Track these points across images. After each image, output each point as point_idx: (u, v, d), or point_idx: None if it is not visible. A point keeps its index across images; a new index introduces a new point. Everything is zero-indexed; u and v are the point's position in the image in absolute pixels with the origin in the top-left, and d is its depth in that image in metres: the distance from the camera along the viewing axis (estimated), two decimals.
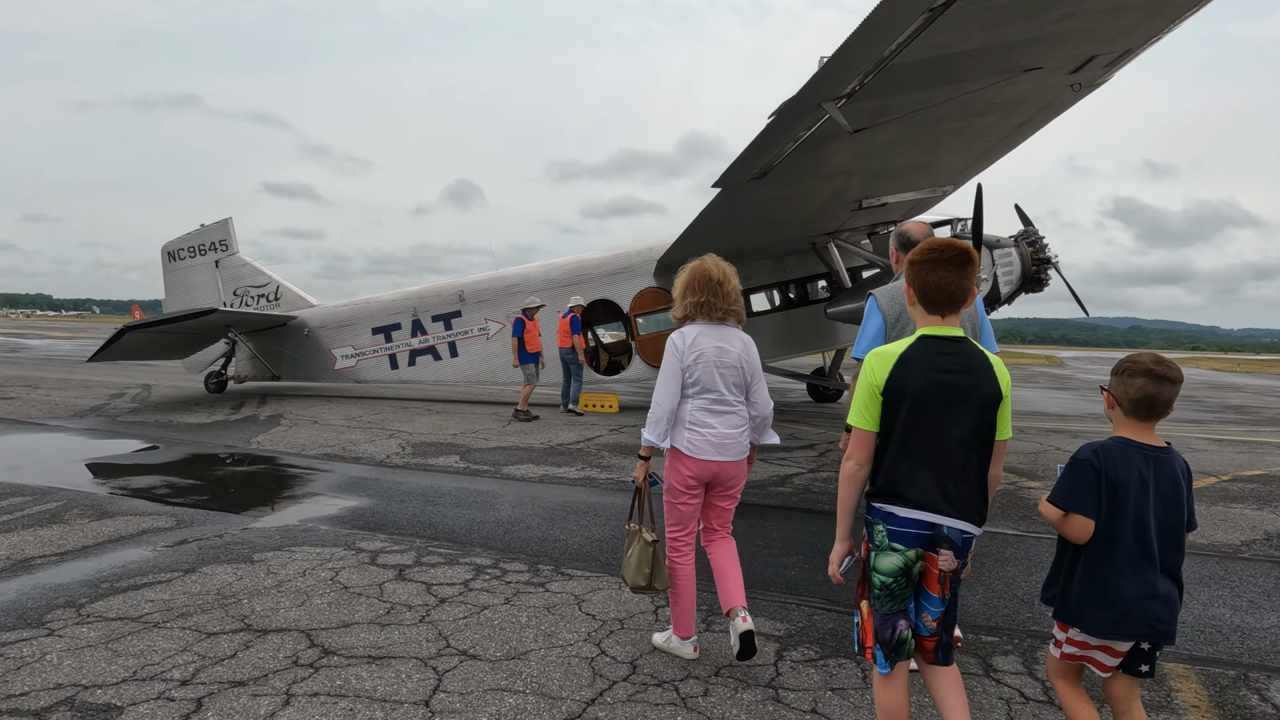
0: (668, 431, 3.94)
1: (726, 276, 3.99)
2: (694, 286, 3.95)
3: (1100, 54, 7.21)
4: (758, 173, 9.15)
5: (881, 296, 4.14)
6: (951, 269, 2.76)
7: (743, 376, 3.96)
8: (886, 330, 4.04)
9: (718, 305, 3.92)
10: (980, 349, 2.84)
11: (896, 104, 7.42)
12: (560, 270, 16.79)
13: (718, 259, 4.07)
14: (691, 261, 4.07)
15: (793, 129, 7.76)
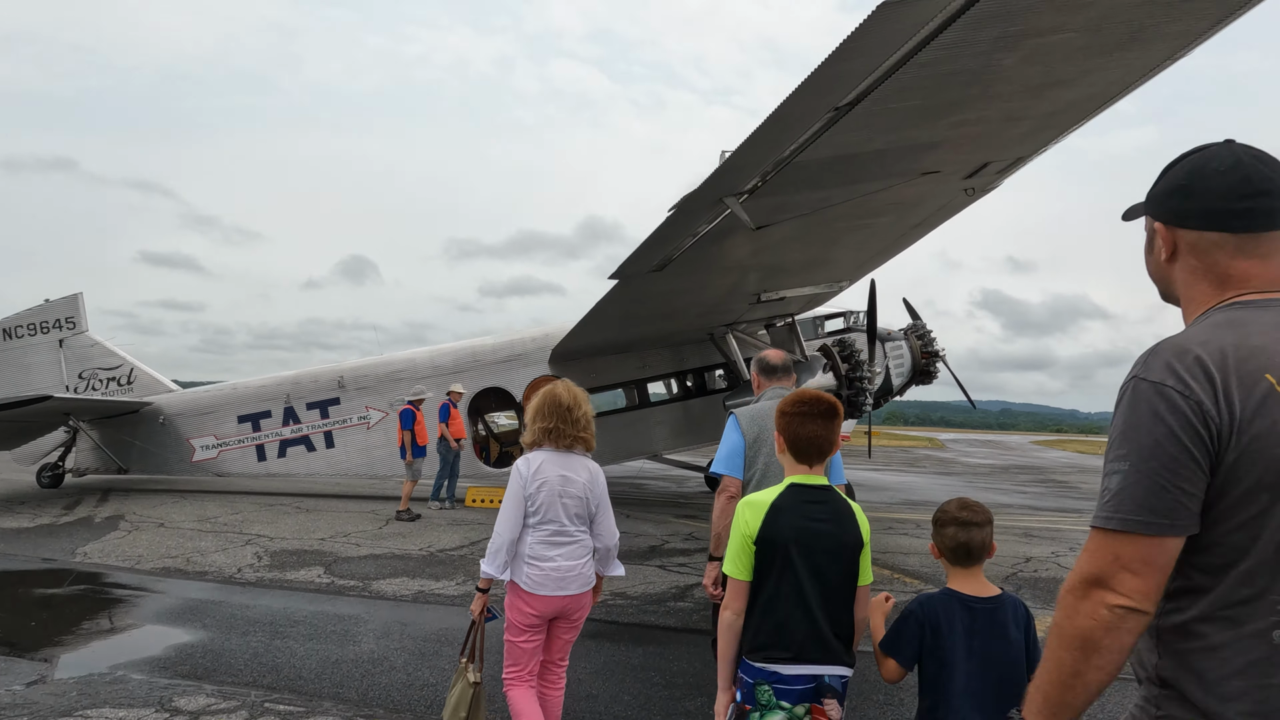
0: (508, 563, 3.84)
1: (577, 402, 3.97)
2: (543, 412, 3.92)
3: (994, 161, 7.25)
4: (656, 265, 8.78)
5: (742, 416, 4.18)
6: (820, 422, 2.96)
7: (587, 507, 3.91)
8: (745, 449, 4.09)
9: (565, 432, 3.88)
10: (844, 497, 2.98)
11: (797, 201, 7.21)
12: (449, 356, 15.95)
13: (570, 385, 4.08)
14: (545, 385, 4.08)
15: (693, 223, 7.44)
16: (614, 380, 16.10)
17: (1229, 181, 1.57)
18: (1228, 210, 1.57)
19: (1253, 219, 1.56)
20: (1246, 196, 1.55)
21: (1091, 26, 4.92)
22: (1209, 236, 1.59)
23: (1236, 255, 1.58)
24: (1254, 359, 1.45)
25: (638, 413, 16.05)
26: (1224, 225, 1.57)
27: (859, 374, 13.47)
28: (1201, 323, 1.57)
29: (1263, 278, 1.56)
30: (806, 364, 13.59)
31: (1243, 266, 1.57)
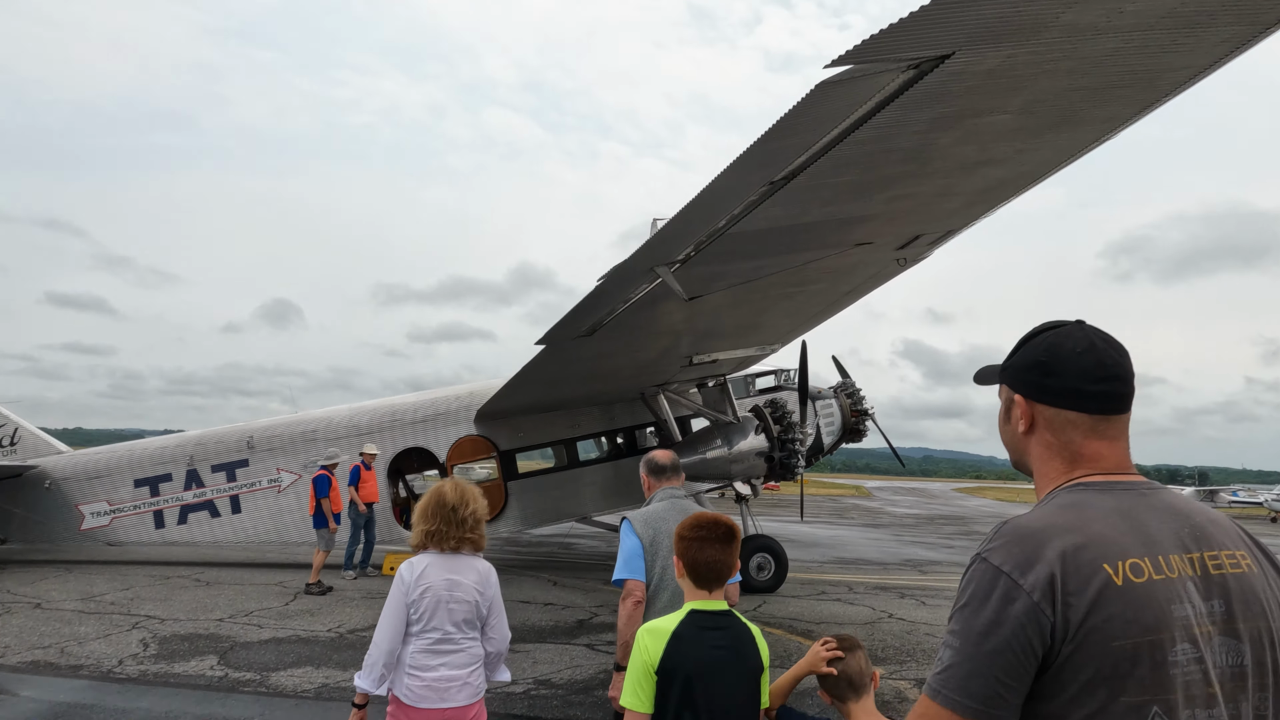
0: (386, 676, 3.62)
1: (465, 501, 3.80)
2: (427, 513, 3.77)
3: (926, 233, 7.22)
4: (586, 330, 8.46)
5: (636, 520, 4.09)
6: (718, 546, 2.96)
7: (476, 611, 3.75)
8: (644, 553, 4.00)
9: (450, 535, 3.73)
10: (744, 622, 2.97)
11: (730, 271, 7.02)
12: (368, 415, 15.22)
13: (460, 482, 3.91)
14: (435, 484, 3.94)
15: (623, 291, 7.16)
16: (543, 439, 15.61)
17: (1084, 364, 1.63)
18: (1084, 391, 1.62)
19: (1107, 401, 1.62)
20: (1101, 380, 1.62)
21: (1025, 109, 4.88)
22: (1066, 414, 1.64)
23: (1090, 435, 1.63)
24: (1092, 548, 1.48)
25: (568, 473, 15.56)
26: (1081, 405, 1.63)
27: (791, 435, 13.33)
28: (1049, 503, 1.60)
29: (1111, 459, 1.63)
30: (739, 425, 13.39)
31: (1094, 447, 1.63)
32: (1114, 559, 1.47)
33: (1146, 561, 1.48)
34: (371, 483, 14.06)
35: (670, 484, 4.41)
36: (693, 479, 13.75)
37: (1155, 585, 1.46)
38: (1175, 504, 1.60)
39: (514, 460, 15.33)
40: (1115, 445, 1.65)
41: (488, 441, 15.18)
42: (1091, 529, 1.51)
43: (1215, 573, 1.51)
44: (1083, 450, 1.64)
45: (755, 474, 13.52)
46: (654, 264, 6.53)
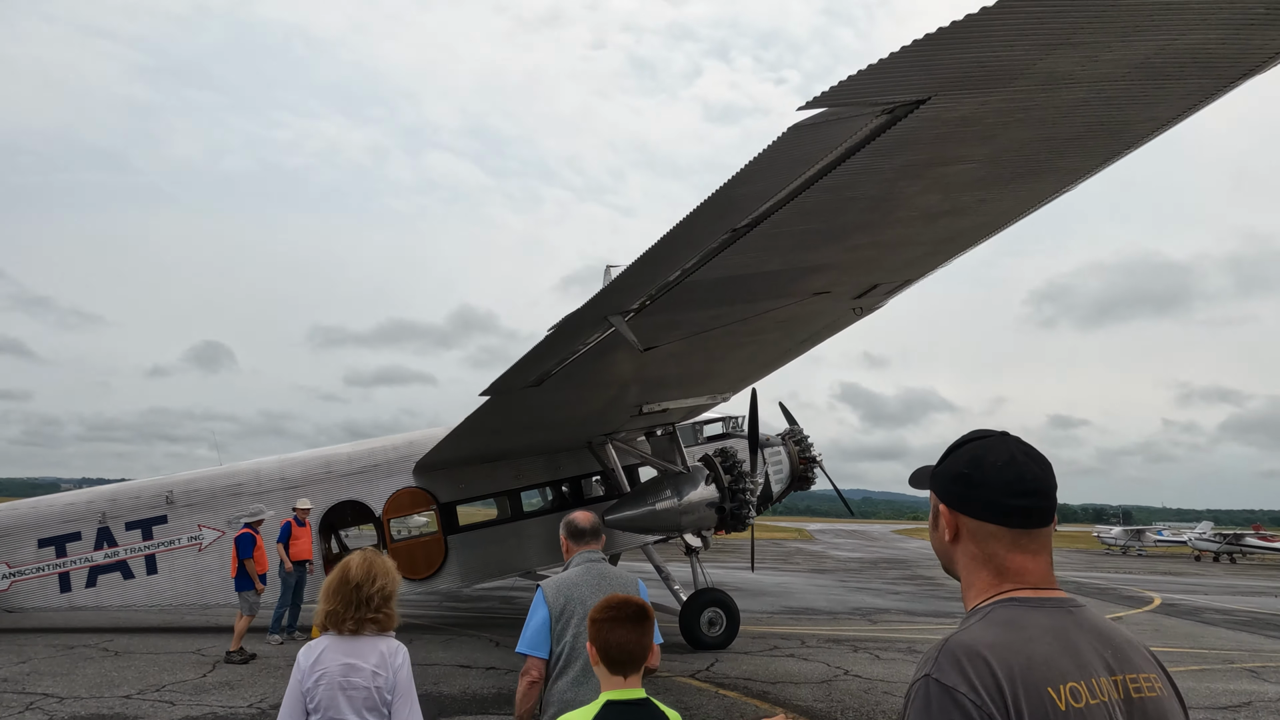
0: None
1: (372, 577, 3.52)
2: (329, 591, 3.53)
3: (883, 283, 7.09)
4: (533, 380, 8.08)
5: (548, 588, 3.97)
6: (629, 626, 2.86)
7: (378, 698, 3.46)
8: (552, 624, 3.86)
9: (349, 616, 3.47)
10: (663, 710, 2.86)
11: (686, 320, 6.76)
12: (299, 467, 14.43)
13: (370, 555, 3.60)
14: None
15: (574, 341, 6.83)
16: (485, 491, 15.02)
17: (1006, 477, 1.64)
18: (1005, 505, 1.63)
19: (1027, 516, 1.63)
20: (1021, 494, 1.63)
21: (992, 158, 4.77)
22: (988, 527, 1.65)
23: (1013, 549, 1.64)
24: (1037, 670, 1.49)
25: (511, 525, 14.97)
26: (1002, 519, 1.64)
27: (741, 485, 13.05)
28: (985, 618, 1.60)
29: (1035, 573, 1.64)
30: (689, 475, 13.06)
31: (1018, 561, 1.64)
32: (1056, 682, 1.49)
33: (1083, 685, 1.50)
34: (305, 539, 13.27)
35: (589, 548, 4.28)
36: (641, 531, 13.33)
37: (1092, 710, 1.48)
38: (1098, 624, 1.63)
39: (454, 513, 14.69)
40: (1038, 559, 1.66)
41: (427, 494, 14.53)
42: (1034, 650, 1.52)
43: (1136, 696, 1.54)
44: (1007, 564, 1.65)
45: (706, 525, 13.17)
46: (607, 313, 6.22)
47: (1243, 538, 57.32)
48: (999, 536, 1.65)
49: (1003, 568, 1.65)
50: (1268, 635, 16.79)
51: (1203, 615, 20.20)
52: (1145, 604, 22.90)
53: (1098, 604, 22.62)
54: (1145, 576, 36.61)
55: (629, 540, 14.74)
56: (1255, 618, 20.06)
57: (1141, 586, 30.31)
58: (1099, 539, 72.37)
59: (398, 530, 14.78)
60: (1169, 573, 40.43)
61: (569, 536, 4.32)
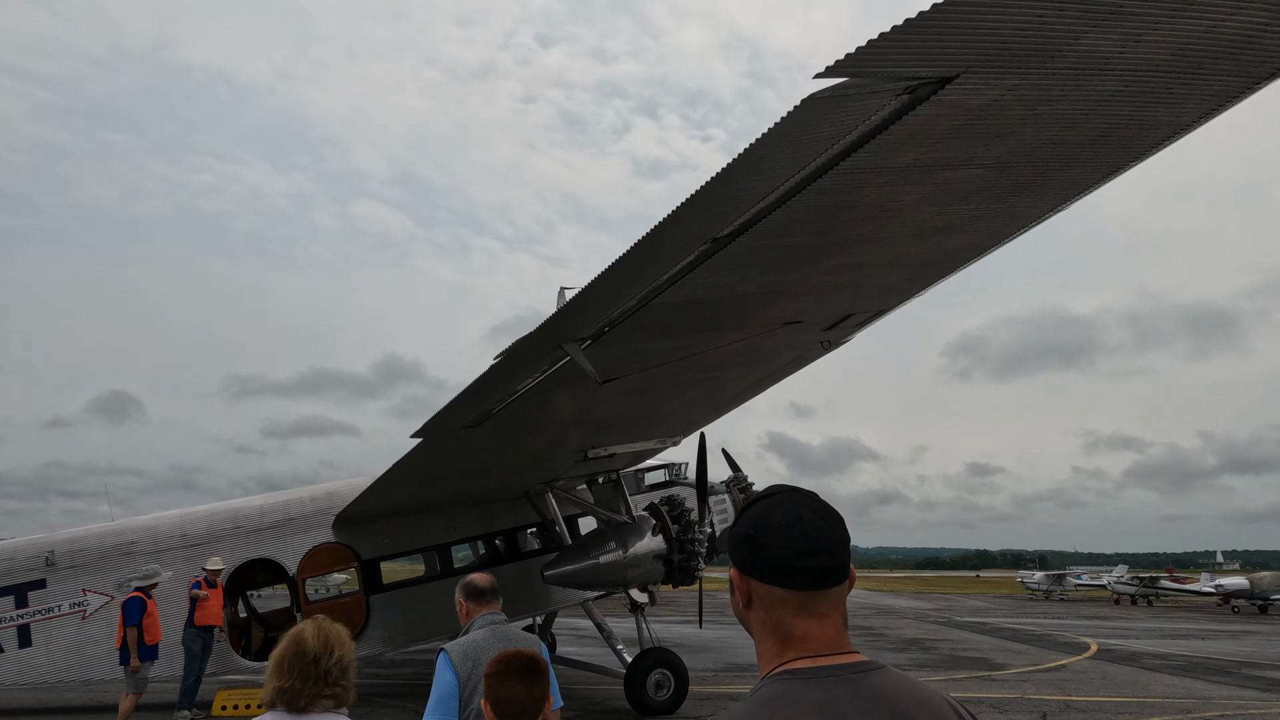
0: None
1: (329, 649, 3.18)
2: (281, 665, 3.14)
3: (857, 313, 6.59)
4: (471, 420, 7.26)
5: (453, 652, 3.84)
6: (518, 679, 2.89)
7: None
8: (460, 689, 3.75)
9: (305, 692, 3.11)
10: None
11: (649, 350, 6.10)
12: (203, 522, 13.06)
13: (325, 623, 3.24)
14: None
15: (523, 372, 6.07)
16: (412, 545, 13.87)
17: (790, 537, 1.56)
18: (791, 567, 1.55)
19: (812, 577, 1.56)
20: (806, 554, 1.56)
21: (1000, 162, 4.30)
22: (775, 591, 1.57)
23: (798, 613, 1.57)
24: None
25: (440, 583, 13.80)
26: (788, 582, 1.56)
27: (690, 535, 12.32)
28: (751, 698, 1.54)
29: (820, 639, 1.56)
30: (635, 525, 12.26)
31: (803, 626, 1.57)
32: None
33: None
34: (214, 602, 11.88)
35: (490, 609, 4.23)
36: (583, 587, 12.41)
37: None
38: (884, 690, 1.52)
39: (378, 570, 13.49)
40: (825, 622, 1.58)
41: (347, 550, 13.31)
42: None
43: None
44: (792, 630, 1.57)
45: (653, 579, 12.35)
46: (562, 340, 5.51)
47: (1158, 580, 59.16)
48: (785, 601, 1.57)
49: (787, 635, 1.57)
50: (1210, 680, 16.75)
51: (1141, 660, 20.19)
52: (1083, 650, 22.86)
53: (1036, 651, 22.48)
54: (1074, 621, 37.02)
55: (567, 596, 13.79)
56: (1191, 661, 20.14)
57: (1074, 632, 30.51)
58: (1022, 584, 73.91)
59: (314, 590, 13.52)
60: (1094, 617, 41.05)
61: (468, 598, 4.24)
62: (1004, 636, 28.09)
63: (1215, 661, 20.19)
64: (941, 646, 23.93)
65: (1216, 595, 48.53)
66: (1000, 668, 18.32)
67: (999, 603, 59.80)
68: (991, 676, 16.93)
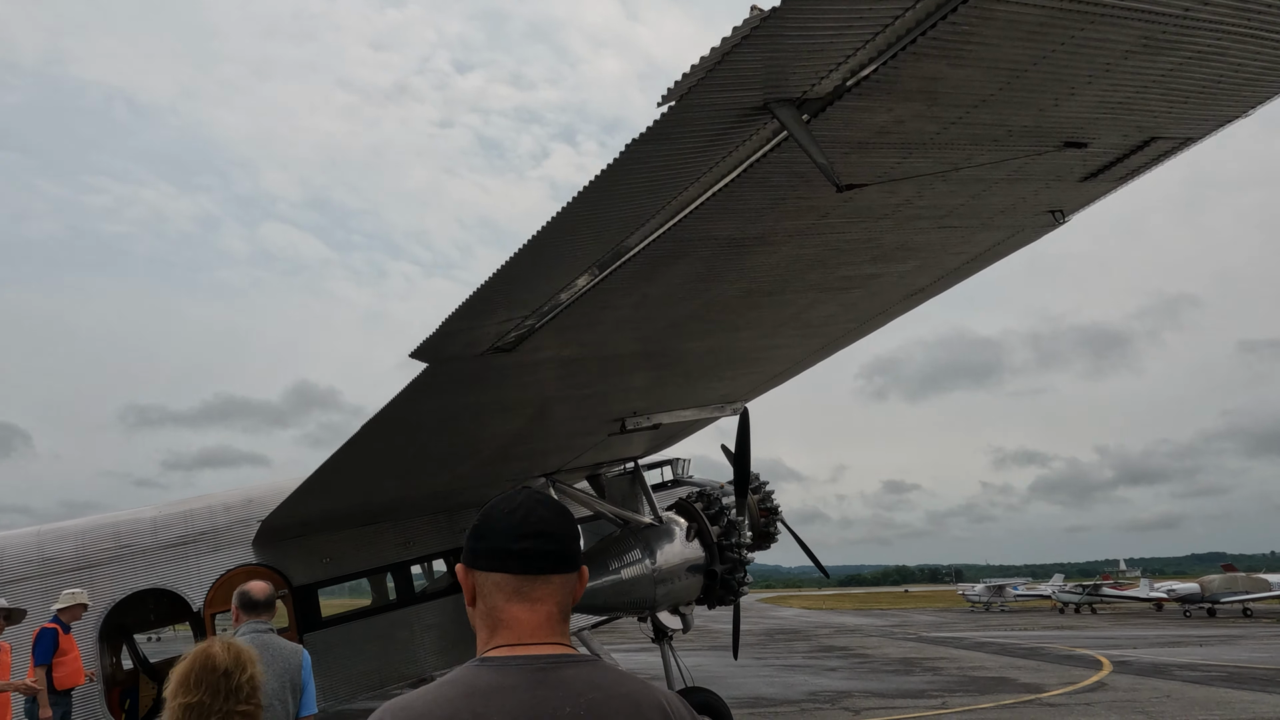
0: None
1: (241, 665, 3.09)
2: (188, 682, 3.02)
3: (1162, 135, 4.02)
4: (513, 329, 4.37)
5: None
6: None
7: None
8: None
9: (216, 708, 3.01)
10: None
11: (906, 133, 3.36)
12: (71, 540, 9.60)
13: (235, 643, 3.15)
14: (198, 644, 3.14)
15: (655, 195, 3.25)
16: (361, 566, 10.68)
17: (512, 521, 1.58)
18: (508, 550, 1.56)
19: (529, 560, 1.56)
20: (524, 536, 1.57)
21: None
22: (493, 578, 1.57)
23: (513, 598, 1.56)
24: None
25: (395, 615, 10.65)
26: (504, 565, 1.57)
27: (735, 539, 9.57)
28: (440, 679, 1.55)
29: (528, 624, 1.55)
30: (664, 529, 9.42)
31: (514, 611, 1.56)
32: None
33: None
34: (75, 654, 8.54)
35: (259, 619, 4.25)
36: (599, 611, 9.48)
37: None
38: (573, 680, 1.50)
39: (315, 599, 10.26)
40: (536, 609, 1.56)
41: (273, 573, 10.05)
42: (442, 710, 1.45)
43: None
44: (503, 615, 1.56)
45: (687, 597, 9.51)
46: (777, 94, 2.76)
47: (1100, 588, 59.41)
48: (502, 586, 1.56)
49: (498, 621, 1.56)
50: (1271, 691, 14.88)
51: (1173, 673, 18.32)
52: (1096, 664, 20.95)
53: (1051, 667, 20.45)
54: (1043, 632, 35.67)
55: None
56: (1230, 672, 18.37)
57: (1059, 644, 28.90)
58: (964, 597, 73.68)
59: (228, 629, 10.14)
60: (1059, 627, 39.92)
61: (240, 606, 4.32)
62: (996, 652, 26.14)
63: (1255, 671, 18.47)
64: (945, 667, 21.69)
65: (1169, 599, 48.45)
66: (1037, 689, 16.10)
67: (947, 616, 58.76)
68: (1041, 700, 14.66)
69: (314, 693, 4.22)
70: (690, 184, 3.28)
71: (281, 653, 4.00)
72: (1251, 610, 44.42)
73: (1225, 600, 44.88)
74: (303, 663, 4.17)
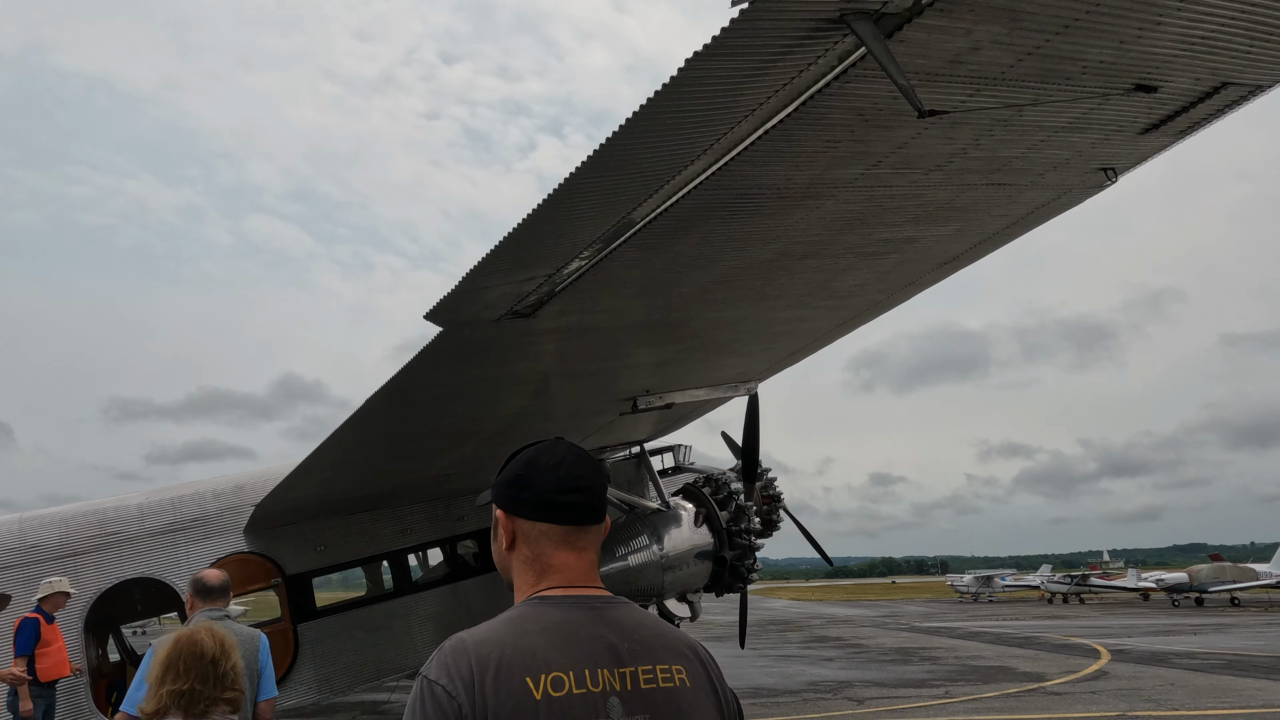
0: None
1: (225, 652, 3.18)
2: (177, 668, 3.08)
3: (1234, 81, 3.76)
4: (534, 294, 4.06)
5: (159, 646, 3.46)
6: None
7: None
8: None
9: (204, 694, 3.09)
10: None
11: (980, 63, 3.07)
12: (54, 528, 9.23)
13: (215, 629, 3.27)
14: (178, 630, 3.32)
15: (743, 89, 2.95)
16: (355, 555, 10.35)
17: (558, 475, 1.66)
18: (555, 502, 1.65)
19: (576, 512, 1.66)
20: (571, 490, 1.66)
21: None
22: (540, 526, 1.66)
23: (560, 546, 1.65)
24: (519, 661, 1.50)
25: (393, 604, 10.34)
26: (552, 516, 1.66)
27: (744, 525, 9.31)
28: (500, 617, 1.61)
29: (576, 570, 1.66)
30: (671, 514, 9.14)
31: (562, 558, 1.65)
32: (536, 672, 1.50)
33: (570, 675, 1.51)
34: (59, 644, 8.20)
35: (214, 605, 4.40)
36: None
37: (574, 699, 1.50)
38: (624, 619, 1.63)
39: (309, 589, 9.94)
40: (583, 556, 1.68)
41: (266, 562, 9.73)
42: (523, 642, 1.53)
43: (645, 687, 1.55)
44: (552, 561, 1.66)
45: (695, 584, 9.24)
46: (854, 5, 2.46)
47: (1088, 578, 59.68)
48: (550, 535, 1.65)
49: (547, 566, 1.65)
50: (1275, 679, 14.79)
51: (1174, 662, 18.24)
52: (1095, 653, 20.88)
53: (1049, 656, 20.35)
54: (1036, 622, 35.70)
55: None
56: (1230, 660, 18.30)
57: (1055, 633, 28.89)
58: (952, 587, 73.93)
59: None
60: (1050, 617, 40.01)
61: (195, 594, 4.50)
62: (991, 641, 26.07)
63: (1255, 659, 18.40)
64: (943, 656, 21.56)
65: (1157, 589, 48.70)
66: (1039, 678, 15.95)
67: (937, 607, 58.84)
68: (1045, 689, 14.51)
69: (272, 676, 4.37)
70: (745, 116, 2.99)
71: (240, 637, 4.14)
72: (1239, 600, 44.71)
73: (1213, 590, 45.11)
74: (260, 646, 4.33)
